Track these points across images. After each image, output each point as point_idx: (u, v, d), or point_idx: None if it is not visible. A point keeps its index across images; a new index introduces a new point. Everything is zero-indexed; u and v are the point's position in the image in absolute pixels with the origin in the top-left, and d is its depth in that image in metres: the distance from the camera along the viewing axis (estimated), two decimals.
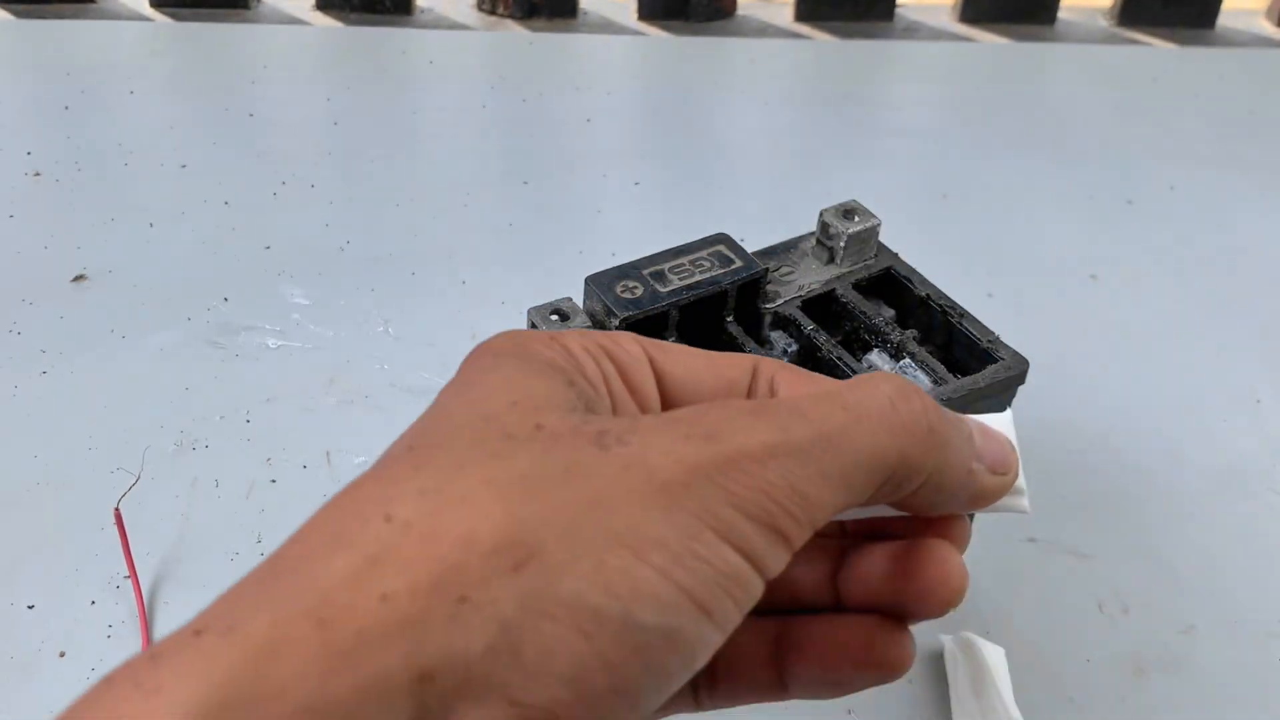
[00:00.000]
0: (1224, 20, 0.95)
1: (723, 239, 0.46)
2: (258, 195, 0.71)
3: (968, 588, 0.26)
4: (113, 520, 0.48)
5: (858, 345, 0.46)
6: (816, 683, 0.27)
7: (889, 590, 0.26)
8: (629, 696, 0.20)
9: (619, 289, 0.42)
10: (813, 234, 0.49)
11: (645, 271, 0.43)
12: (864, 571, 0.26)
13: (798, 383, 0.27)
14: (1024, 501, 0.27)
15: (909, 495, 0.25)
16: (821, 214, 0.48)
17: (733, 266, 0.44)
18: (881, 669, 0.26)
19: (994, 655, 0.46)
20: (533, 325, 0.41)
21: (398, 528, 0.20)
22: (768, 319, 0.46)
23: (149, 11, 0.89)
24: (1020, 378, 0.44)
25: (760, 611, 0.25)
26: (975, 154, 0.79)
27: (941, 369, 0.44)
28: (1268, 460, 0.57)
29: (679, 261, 0.44)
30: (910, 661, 0.26)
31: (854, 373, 0.44)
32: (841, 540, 0.28)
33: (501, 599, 0.19)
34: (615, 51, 0.89)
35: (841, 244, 0.47)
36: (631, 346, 0.27)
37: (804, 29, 0.93)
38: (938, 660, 0.48)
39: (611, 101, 0.83)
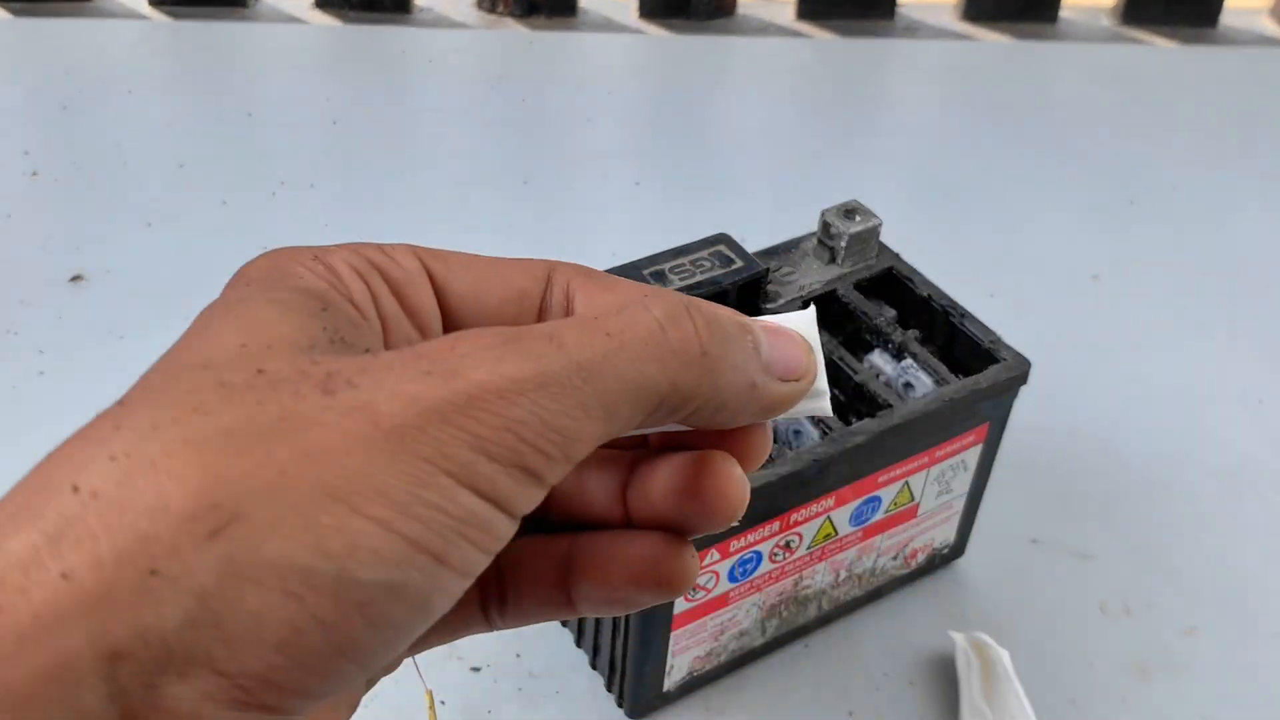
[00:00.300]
0: (1226, 19, 0.94)
1: (723, 239, 0.45)
2: (256, 195, 0.70)
3: (748, 501, 0.25)
4: None
5: (859, 346, 0.46)
6: (602, 601, 0.26)
7: (671, 505, 0.25)
8: (355, 654, 0.20)
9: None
10: (814, 234, 0.48)
11: (646, 271, 0.43)
12: (649, 486, 0.25)
13: (595, 291, 0.25)
14: (824, 404, 0.25)
15: (687, 416, 0.24)
16: (823, 214, 0.47)
17: (733, 266, 0.44)
18: (662, 587, 0.25)
19: (1003, 657, 0.46)
20: None
21: (84, 498, 0.18)
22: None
23: (147, 10, 0.88)
24: (1022, 378, 0.44)
25: (551, 529, 0.26)
26: (977, 153, 0.78)
27: (944, 369, 0.44)
28: (1270, 460, 0.57)
29: (679, 261, 0.44)
30: (691, 580, 0.26)
31: (848, 370, 0.44)
32: (638, 453, 0.26)
33: (197, 568, 0.18)
34: (615, 50, 0.89)
35: (843, 244, 0.47)
36: (407, 260, 0.25)
37: (805, 27, 0.93)
38: (938, 662, 0.47)
39: (612, 101, 0.82)
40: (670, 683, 0.44)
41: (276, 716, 0.19)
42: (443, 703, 0.45)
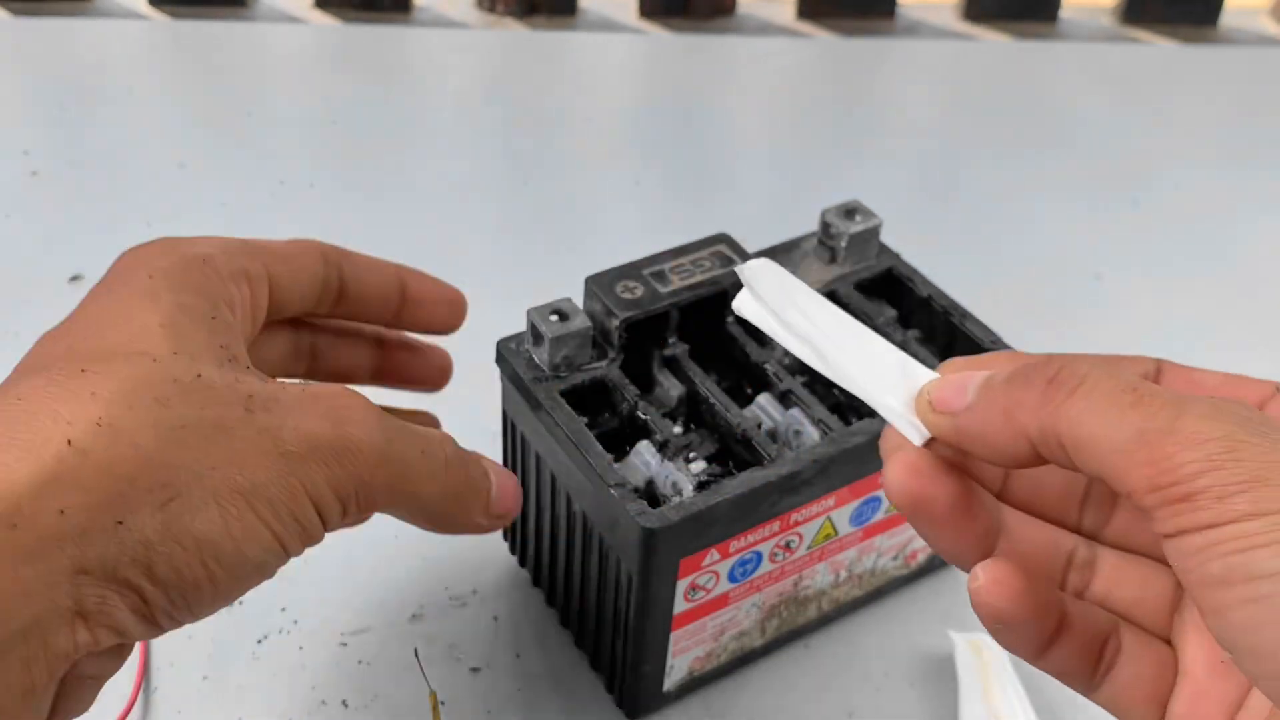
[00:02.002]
0: (1226, 19, 0.94)
1: (723, 239, 0.45)
2: (256, 195, 0.70)
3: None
4: None
5: None
6: (405, 380, 0.44)
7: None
8: (220, 603, 0.29)
9: (619, 289, 0.42)
10: (813, 234, 0.48)
11: (646, 272, 0.43)
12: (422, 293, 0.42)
13: (353, 266, 0.39)
14: None
15: (424, 522, 0.35)
16: (823, 214, 0.47)
17: (733, 266, 0.44)
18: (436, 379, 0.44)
19: (1003, 657, 0.45)
20: (532, 326, 0.41)
21: (77, 453, 0.26)
22: None
23: (146, 10, 0.88)
24: None
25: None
26: (977, 153, 0.78)
27: None
28: None
29: (680, 261, 0.44)
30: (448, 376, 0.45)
31: None
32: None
33: (147, 526, 0.26)
34: (615, 50, 0.89)
35: (843, 244, 0.47)
36: (259, 270, 0.34)
37: (805, 27, 0.93)
38: (938, 663, 0.47)
39: (612, 101, 0.82)
40: (670, 683, 0.44)
41: (156, 629, 0.28)
42: (443, 703, 0.45)
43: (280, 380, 0.31)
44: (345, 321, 0.42)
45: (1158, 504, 0.23)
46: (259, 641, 0.46)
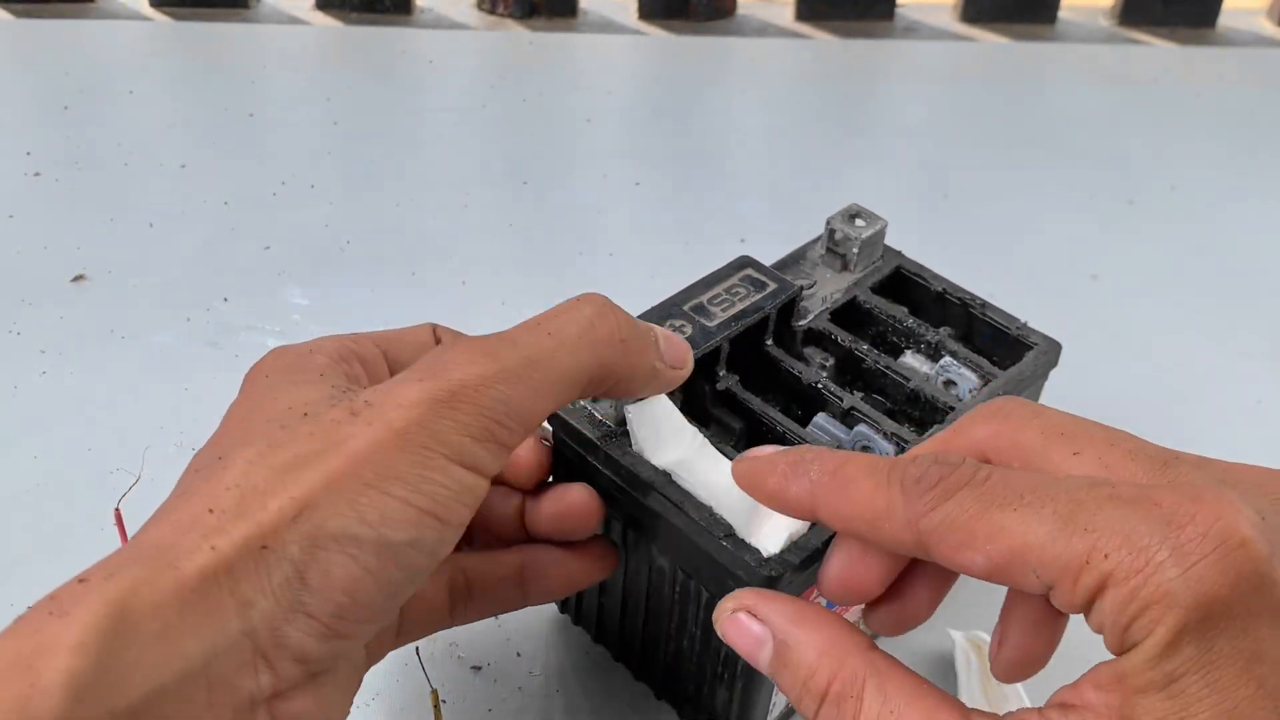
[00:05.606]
0: (1224, 20, 0.95)
1: (748, 262, 0.44)
2: (257, 195, 0.71)
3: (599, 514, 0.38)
4: (113, 521, 0.48)
5: (885, 350, 0.45)
6: (554, 594, 0.39)
7: (551, 525, 0.38)
8: (391, 590, 0.29)
9: (668, 329, 0.40)
10: (817, 241, 0.48)
11: (685, 307, 0.41)
12: (538, 512, 0.38)
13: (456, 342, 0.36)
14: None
15: (608, 390, 0.33)
16: (829, 222, 0.47)
17: (769, 290, 0.43)
18: (601, 575, 0.39)
19: None
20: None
21: (218, 516, 0.27)
22: (799, 336, 0.45)
23: (148, 11, 0.89)
24: (1054, 360, 0.45)
25: (492, 547, 0.38)
26: (975, 154, 0.79)
27: (986, 364, 0.44)
28: (1268, 461, 0.57)
29: (715, 292, 0.42)
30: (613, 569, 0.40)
31: (899, 377, 0.44)
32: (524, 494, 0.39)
33: (289, 543, 0.27)
34: (615, 51, 0.89)
35: (855, 250, 0.46)
36: (369, 347, 0.35)
37: (804, 28, 0.93)
38: (938, 661, 0.48)
39: (611, 101, 0.83)
40: None
41: (347, 641, 0.28)
42: (444, 701, 0.45)
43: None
44: None
45: None
46: None
